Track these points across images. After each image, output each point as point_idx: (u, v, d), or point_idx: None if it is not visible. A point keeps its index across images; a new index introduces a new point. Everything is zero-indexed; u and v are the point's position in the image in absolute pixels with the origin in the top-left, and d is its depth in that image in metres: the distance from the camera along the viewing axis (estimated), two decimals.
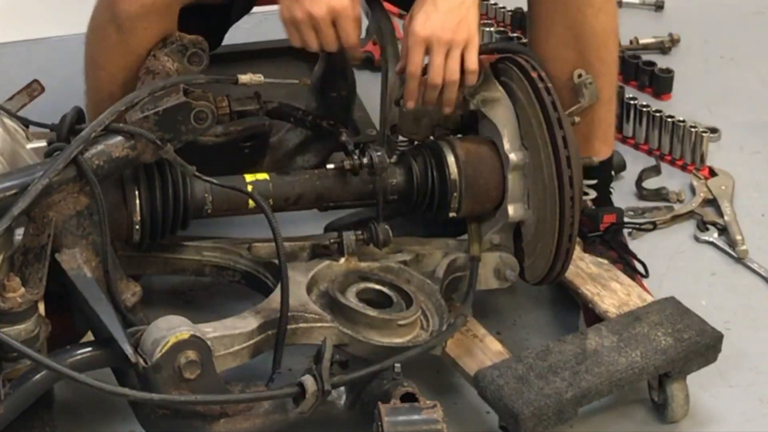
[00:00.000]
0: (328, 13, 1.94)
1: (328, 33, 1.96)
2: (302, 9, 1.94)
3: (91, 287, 1.83)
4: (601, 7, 2.15)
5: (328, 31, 1.96)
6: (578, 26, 2.14)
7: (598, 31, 2.16)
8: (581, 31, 2.15)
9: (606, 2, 2.17)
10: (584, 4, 2.14)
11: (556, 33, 2.13)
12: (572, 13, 2.13)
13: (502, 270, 2.10)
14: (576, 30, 2.14)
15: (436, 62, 1.96)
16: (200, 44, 2.05)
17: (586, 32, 2.15)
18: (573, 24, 2.14)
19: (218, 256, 2.10)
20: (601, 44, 2.17)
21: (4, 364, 1.76)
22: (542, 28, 2.16)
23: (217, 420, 1.82)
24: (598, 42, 2.16)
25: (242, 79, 2.00)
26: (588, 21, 2.14)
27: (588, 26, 2.15)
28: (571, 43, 2.14)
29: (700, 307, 2.11)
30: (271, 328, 1.89)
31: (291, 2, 1.96)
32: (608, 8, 2.17)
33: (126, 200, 1.96)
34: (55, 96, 2.19)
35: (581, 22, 2.14)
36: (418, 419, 1.74)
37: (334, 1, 1.93)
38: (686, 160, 2.68)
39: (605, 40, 2.18)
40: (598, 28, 2.16)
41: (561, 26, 2.13)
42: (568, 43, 2.14)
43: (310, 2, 1.93)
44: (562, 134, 1.98)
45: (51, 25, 3.08)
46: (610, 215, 2.30)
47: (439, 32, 1.95)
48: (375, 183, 2.06)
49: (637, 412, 2.06)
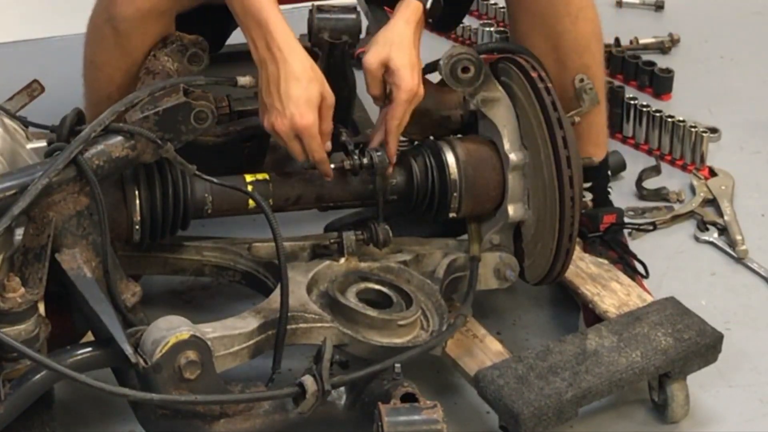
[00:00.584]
0: (291, 129, 1.94)
1: (294, 147, 1.97)
2: (269, 120, 1.96)
3: (91, 287, 1.82)
4: (578, 14, 2.15)
5: (293, 145, 1.96)
6: (556, 36, 2.15)
7: (578, 38, 2.16)
8: (559, 41, 2.15)
9: (583, 9, 2.17)
10: (561, 14, 2.14)
11: (535, 44, 2.13)
12: (550, 23, 2.14)
13: (502, 270, 2.10)
14: (554, 40, 2.15)
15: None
16: (200, 44, 2.05)
17: (565, 42, 2.15)
18: (550, 34, 2.15)
19: (218, 256, 2.10)
20: (583, 50, 2.17)
21: (4, 364, 1.75)
22: (521, 40, 2.17)
23: (217, 420, 1.82)
24: (579, 49, 2.17)
25: (241, 82, 2.00)
26: (567, 30, 2.15)
27: (567, 35, 2.15)
28: (549, 52, 2.15)
29: (700, 307, 2.11)
30: (271, 328, 1.89)
31: (262, 107, 1.97)
32: (586, 14, 2.17)
33: (126, 200, 1.96)
34: (55, 96, 2.18)
35: (560, 32, 2.15)
36: (418, 419, 1.74)
37: (296, 119, 1.92)
38: (686, 160, 2.68)
39: (587, 46, 2.18)
40: (578, 36, 2.16)
41: (540, 37, 2.13)
42: (547, 52, 2.14)
43: (276, 114, 1.94)
44: (562, 134, 1.98)
45: (51, 25, 3.08)
46: (610, 215, 2.30)
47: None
48: (375, 183, 2.06)
49: (637, 412, 2.06)
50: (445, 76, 2.05)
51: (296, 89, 1.92)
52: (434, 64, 2.07)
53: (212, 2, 2.11)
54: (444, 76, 2.05)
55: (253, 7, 1.93)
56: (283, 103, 1.92)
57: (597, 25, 2.21)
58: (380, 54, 1.98)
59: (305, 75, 1.93)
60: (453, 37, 3.07)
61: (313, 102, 1.93)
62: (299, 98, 1.92)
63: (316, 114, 1.94)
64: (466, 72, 2.04)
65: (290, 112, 1.92)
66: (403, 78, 1.97)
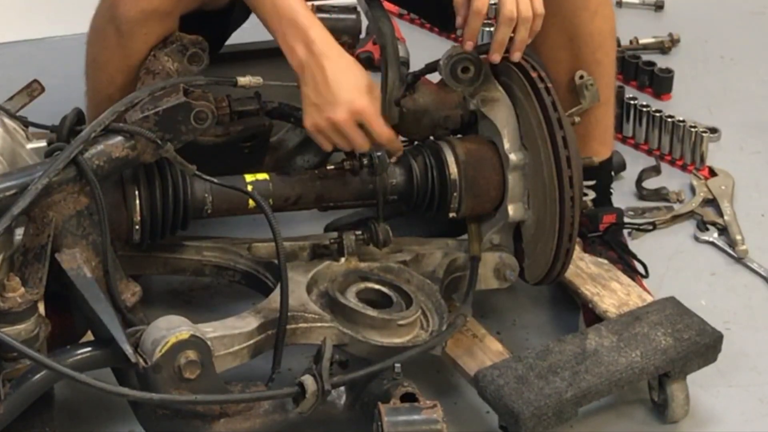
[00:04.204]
0: (351, 116, 1.92)
1: (356, 136, 1.94)
2: (323, 117, 1.93)
3: (91, 287, 1.82)
4: (597, 10, 2.16)
5: (355, 134, 1.94)
6: (573, 29, 2.15)
7: (594, 34, 2.17)
8: (576, 34, 2.16)
9: (602, 5, 2.17)
10: (579, 7, 2.14)
11: (550, 35, 2.13)
12: (567, 16, 2.14)
13: (502, 270, 2.10)
14: (570, 33, 2.15)
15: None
16: (200, 44, 2.05)
17: (581, 35, 2.16)
18: (567, 27, 2.15)
19: (218, 256, 2.10)
20: (597, 47, 2.18)
21: (4, 364, 1.75)
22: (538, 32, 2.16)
23: (217, 420, 1.82)
24: (593, 45, 2.17)
25: (241, 82, 2.00)
26: (583, 24, 2.15)
27: (583, 29, 2.15)
28: (565, 45, 2.15)
29: (700, 307, 2.11)
30: (271, 328, 1.89)
31: (311, 110, 1.94)
32: (604, 11, 2.18)
33: (126, 200, 1.96)
34: (55, 96, 2.19)
35: (576, 25, 2.15)
36: (418, 419, 1.74)
37: (355, 104, 1.91)
38: (686, 160, 2.68)
39: (601, 43, 2.18)
40: (594, 31, 2.17)
41: (555, 29, 2.13)
42: (563, 45, 2.15)
43: (331, 108, 1.92)
44: (562, 134, 1.98)
45: (51, 25, 3.08)
46: (610, 215, 2.30)
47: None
48: (375, 183, 2.06)
49: (637, 412, 2.06)
50: (445, 76, 2.05)
51: (347, 79, 1.92)
52: (434, 64, 2.07)
53: (214, 4, 2.11)
54: (444, 76, 2.05)
55: (288, 13, 1.93)
56: (335, 95, 1.92)
57: (613, 23, 2.22)
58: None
59: (352, 67, 1.94)
60: (453, 37, 3.08)
61: (366, 88, 1.94)
62: (352, 86, 1.92)
63: (371, 99, 1.94)
64: (466, 72, 2.05)
65: (346, 99, 1.91)
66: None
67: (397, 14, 3.17)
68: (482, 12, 1.96)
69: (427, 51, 2.06)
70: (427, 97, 2.12)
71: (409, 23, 3.19)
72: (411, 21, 3.20)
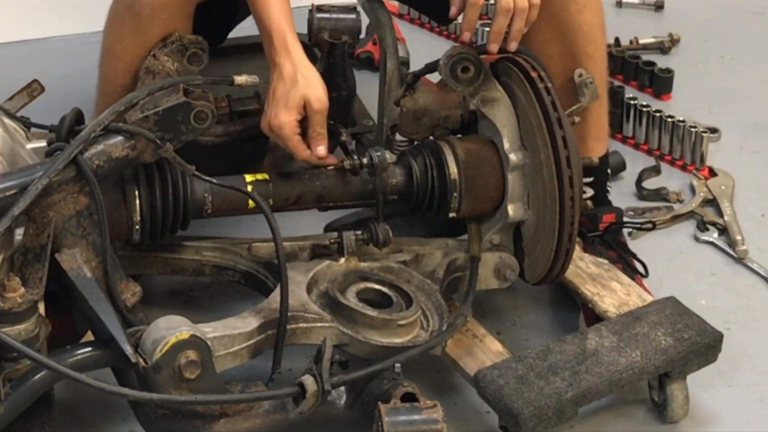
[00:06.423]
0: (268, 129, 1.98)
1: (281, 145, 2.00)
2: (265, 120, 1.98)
3: (91, 287, 1.83)
4: (586, 3, 2.17)
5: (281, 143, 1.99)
6: (563, 23, 2.16)
7: (584, 27, 2.18)
8: (566, 28, 2.17)
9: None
10: (567, 1, 2.15)
11: (541, 29, 2.13)
12: (556, 10, 2.15)
13: (502, 270, 2.10)
14: (561, 27, 2.16)
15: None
16: (200, 44, 2.05)
17: (571, 29, 2.17)
18: (558, 21, 2.16)
19: (218, 256, 2.10)
20: (587, 41, 2.19)
21: (4, 364, 1.76)
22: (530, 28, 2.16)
23: (217, 420, 1.82)
24: (584, 38, 2.18)
25: (238, 80, 2.00)
26: (572, 17, 2.16)
27: (573, 22, 2.16)
28: (557, 39, 2.17)
29: (700, 307, 2.11)
30: (271, 328, 1.89)
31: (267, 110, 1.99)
32: (593, 5, 2.19)
33: (126, 200, 1.96)
34: (55, 96, 2.19)
35: (566, 19, 2.16)
36: (418, 419, 1.74)
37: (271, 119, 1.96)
38: (686, 160, 2.68)
39: (592, 37, 2.19)
40: (584, 25, 2.18)
41: (545, 23, 2.13)
42: (554, 39, 2.16)
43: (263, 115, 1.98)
44: (562, 134, 1.98)
45: (51, 25, 3.08)
46: (610, 215, 2.31)
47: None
48: (375, 183, 2.06)
49: (637, 412, 2.06)
50: (445, 76, 2.05)
51: (280, 91, 1.96)
52: (434, 64, 2.07)
53: None
54: (444, 76, 2.05)
55: (262, 13, 1.98)
56: (269, 104, 1.97)
57: (602, 17, 2.23)
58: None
59: (291, 78, 1.96)
60: (453, 37, 3.08)
61: (292, 104, 1.95)
62: (279, 100, 1.95)
63: (294, 116, 1.96)
64: (466, 72, 2.05)
65: (270, 113, 1.96)
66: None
67: (397, 14, 3.17)
68: (479, 2, 1.97)
69: (427, 51, 2.05)
70: (427, 97, 2.12)
71: (409, 23, 3.19)
72: (411, 21, 3.20)
